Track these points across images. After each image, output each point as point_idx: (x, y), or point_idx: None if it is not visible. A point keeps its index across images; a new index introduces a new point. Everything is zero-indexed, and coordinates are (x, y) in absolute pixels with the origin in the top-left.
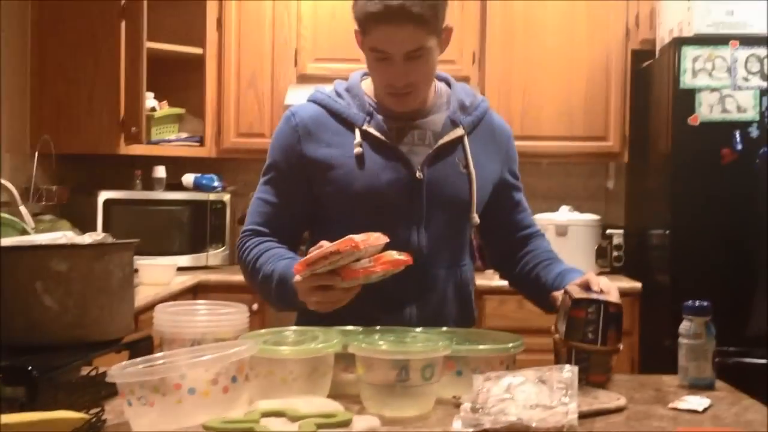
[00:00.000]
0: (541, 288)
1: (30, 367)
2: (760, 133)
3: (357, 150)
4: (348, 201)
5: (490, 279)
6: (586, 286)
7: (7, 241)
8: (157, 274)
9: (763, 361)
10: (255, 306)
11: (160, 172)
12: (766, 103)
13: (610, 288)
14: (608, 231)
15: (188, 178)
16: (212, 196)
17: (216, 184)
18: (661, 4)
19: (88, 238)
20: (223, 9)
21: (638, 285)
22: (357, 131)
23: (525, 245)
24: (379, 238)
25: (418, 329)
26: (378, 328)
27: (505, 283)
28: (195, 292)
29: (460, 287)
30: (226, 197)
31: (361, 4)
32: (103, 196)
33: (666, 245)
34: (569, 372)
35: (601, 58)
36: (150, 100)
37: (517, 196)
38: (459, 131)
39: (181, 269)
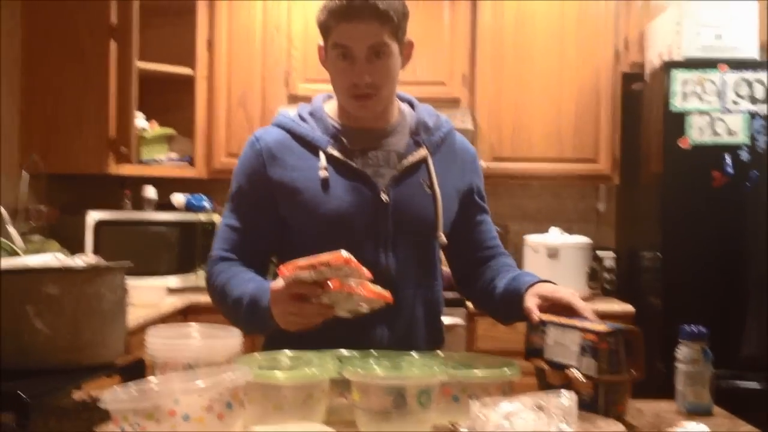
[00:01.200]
0: (496, 295)
1: (20, 392)
2: (750, 156)
3: (322, 173)
4: (314, 224)
5: None
6: (560, 306)
7: None
8: (147, 295)
9: (757, 384)
10: None
11: (150, 192)
12: (755, 126)
13: (587, 308)
14: (599, 253)
15: (178, 199)
16: (202, 217)
17: (206, 204)
18: (650, 27)
19: (79, 261)
20: (213, 29)
21: (630, 308)
22: (321, 154)
23: (485, 262)
24: (364, 270)
25: (414, 354)
26: (373, 352)
27: None
28: (185, 313)
29: (429, 307)
30: (216, 217)
31: (325, 5)
32: (93, 216)
33: (658, 268)
34: (567, 398)
35: (591, 81)
36: (140, 120)
37: (481, 216)
38: (422, 152)
39: (170, 290)
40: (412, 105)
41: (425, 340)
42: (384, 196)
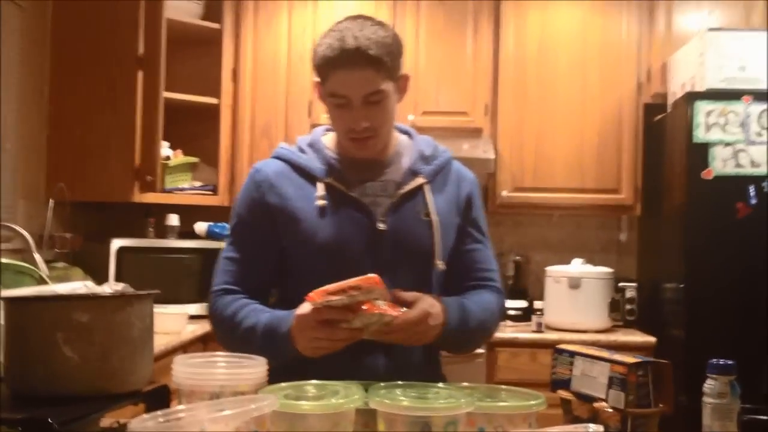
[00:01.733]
0: None
1: (50, 419)
2: None
3: (320, 202)
4: (311, 254)
5: (502, 331)
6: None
7: (28, 291)
8: (169, 322)
9: None
10: None
11: (174, 220)
12: None
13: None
14: (621, 284)
15: (201, 227)
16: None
17: (228, 232)
18: (673, 59)
19: (108, 289)
20: (238, 59)
21: (652, 339)
22: (319, 184)
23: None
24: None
25: (440, 384)
26: (400, 383)
27: (517, 335)
28: (205, 340)
29: None
30: None
31: (320, 51)
32: (116, 243)
33: (680, 299)
34: (594, 431)
35: (613, 111)
36: (165, 149)
37: (472, 245)
38: (419, 180)
39: (191, 317)
40: (410, 135)
41: (421, 372)
42: (381, 225)
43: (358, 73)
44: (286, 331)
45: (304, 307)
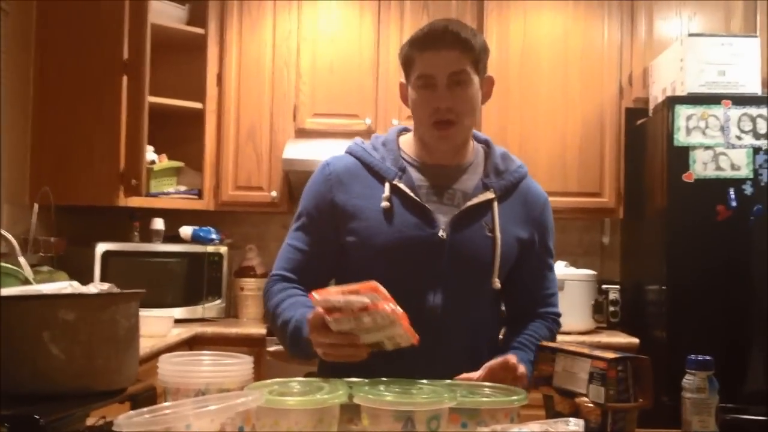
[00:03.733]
0: None
1: (37, 416)
2: (754, 190)
3: (384, 204)
4: (370, 254)
5: None
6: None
7: (14, 290)
8: (155, 325)
9: (762, 417)
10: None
11: (159, 224)
12: (759, 160)
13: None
14: (604, 286)
15: (186, 231)
16: (210, 249)
17: (213, 236)
18: (654, 63)
19: (93, 289)
20: (223, 64)
21: (635, 340)
22: (387, 185)
23: (523, 321)
24: (394, 305)
25: (424, 381)
26: (383, 379)
27: (502, 336)
28: (191, 344)
29: (474, 351)
30: (224, 250)
31: (408, 41)
32: (101, 247)
33: (662, 301)
34: (575, 425)
35: (595, 115)
36: (150, 153)
37: (545, 271)
38: (489, 194)
39: (176, 321)
40: (488, 145)
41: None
42: (442, 233)
43: (445, 53)
44: (307, 335)
45: (314, 311)
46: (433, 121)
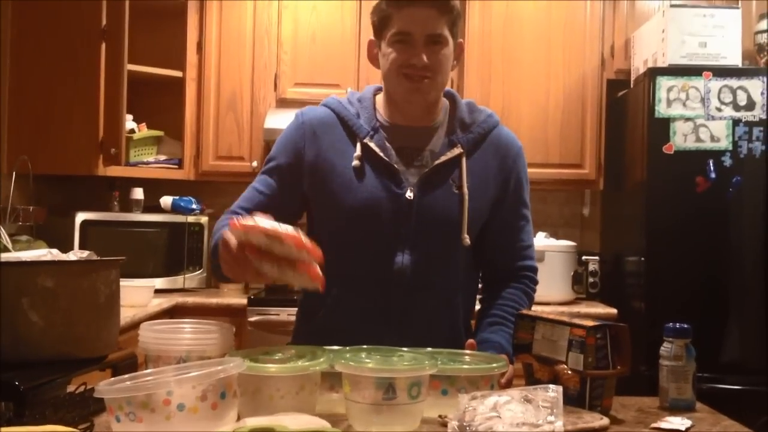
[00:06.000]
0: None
1: (17, 382)
2: (733, 162)
3: (355, 163)
4: (338, 212)
5: None
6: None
7: None
8: (135, 295)
9: (738, 386)
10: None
11: (138, 194)
12: (738, 132)
13: None
14: (584, 257)
15: (166, 201)
16: (190, 219)
17: (194, 206)
18: (635, 35)
19: (73, 256)
20: (203, 32)
21: (614, 311)
22: (359, 144)
23: (500, 287)
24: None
25: (405, 349)
26: (365, 347)
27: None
28: (172, 313)
29: (449, 313)
30: (204, 220)
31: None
32: (80, 217)
33: (641, 272)
34: (554, 391)
35: (576, 87)
36: (129, 122)
37: (515, 220)
38: (457, 150)
39: (157, 291)
40: (453, 99)
41: (444, 345)
42: (410, 194)
43: (424, 12)
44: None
45: (230, 233)
46: (405, 72)
